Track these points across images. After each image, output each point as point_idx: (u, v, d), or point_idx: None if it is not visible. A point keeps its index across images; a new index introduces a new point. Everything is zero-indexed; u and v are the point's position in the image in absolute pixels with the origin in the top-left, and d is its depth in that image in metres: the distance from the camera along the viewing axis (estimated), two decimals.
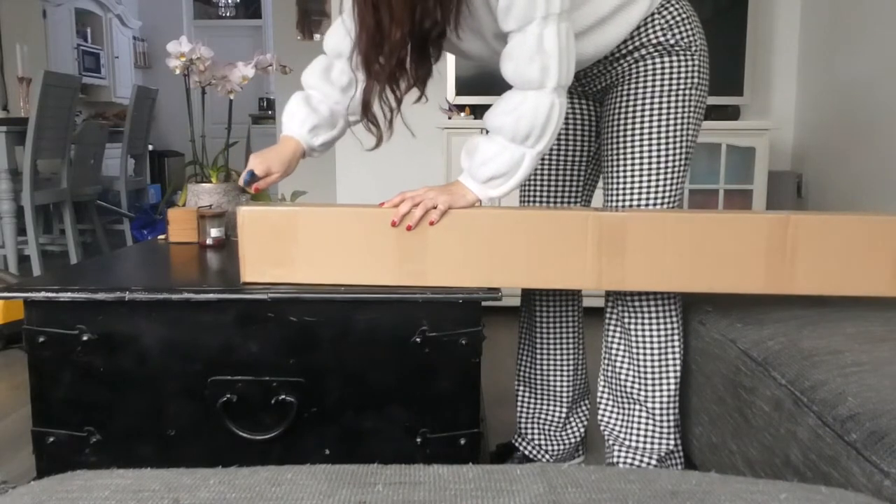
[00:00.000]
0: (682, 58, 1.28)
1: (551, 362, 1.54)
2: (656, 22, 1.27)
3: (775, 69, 3.19)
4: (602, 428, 1.44)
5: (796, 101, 3.20)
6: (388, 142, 1.27)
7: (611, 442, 1.43)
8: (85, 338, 1.16)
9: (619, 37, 1.27)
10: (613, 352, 1.40)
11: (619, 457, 1.40)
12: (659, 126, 1.28)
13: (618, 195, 1.32)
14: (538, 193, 1.48)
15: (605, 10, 1.23)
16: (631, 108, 1.30)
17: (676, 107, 1.28)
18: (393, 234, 1.15)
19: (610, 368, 1.41)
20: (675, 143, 1.28)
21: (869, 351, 1.08)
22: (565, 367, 1.54)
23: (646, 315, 1.34)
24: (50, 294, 1.15)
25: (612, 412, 1.42)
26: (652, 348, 1.35)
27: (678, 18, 1.28)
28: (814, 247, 1.15)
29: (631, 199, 1.30)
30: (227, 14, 7.78)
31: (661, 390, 1.36)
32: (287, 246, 1.17)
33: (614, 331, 1.39)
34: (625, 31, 1.26)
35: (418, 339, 1.16)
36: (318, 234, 1.16)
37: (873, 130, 2.64)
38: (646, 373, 1.36)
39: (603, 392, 1.44)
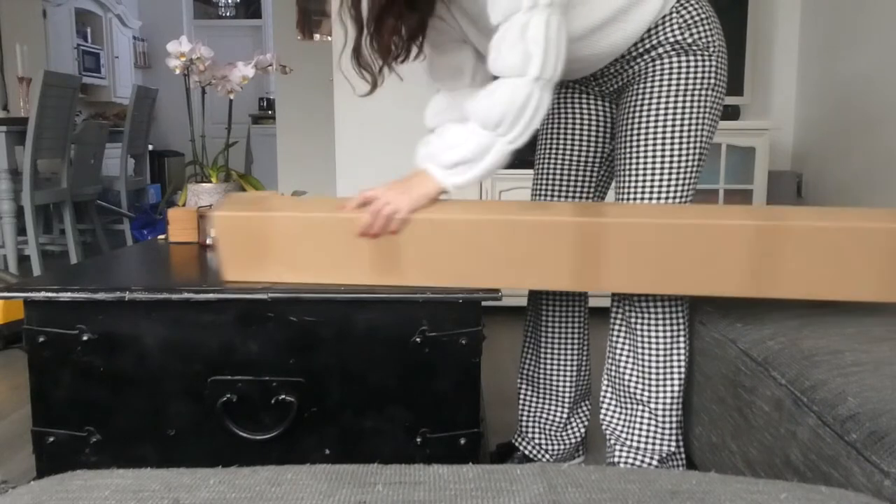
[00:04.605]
0: (699, 57, 1.27)
1: (555, 362, 1.54)
2: (674, 20, 1.26)
3: (775, 69, 3.19)
4: (604, 427, 1.44)
5: (796, 101, 3.20)
6: (381, 87, 1.25)
7: (612, 441, 1.42)
8: (85, 338, 1.16)
9: (634, 34, 1.26)
10: (618, 352, 1.40)
11: (619, 457, 1.40)
12: (673, 125, 1.27)
13: (628, 193, 1.32)
14: (549, 191, 1.48)
15: (617, 5, 1.22)
16: (646, 107, 1.29)
17: (691, 107, 1.27)
18: (369, 242, 1.14)
19: (614, 368, 1.41)
20: (688, 142, 1.28)
21: (869, 351, 1.08)
22: (569, 368, 1.54)
23: (652, 316, 1.34)
24: (50, 294, 1.15)
25: (614, 411, 1.42)
26: (657, 349, 1.35)
27: (696, 18, 1.27)
28: (797, 254, 1.13)
29: (641, 198, 1.30)
30: (227, 14, 7.78)
31: (664, 391, 1.35)
32: (263, 250, 1.17)
33: (619, 330, 1.39)
34: (639, 28, 1.25)
35: (418, 339, 1.16)
36: (293, 238, 1.16)
37: (873, 130, 2.64)
38: (650, 373, 1.36)
39: (606, 391, 1.43)
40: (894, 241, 1.10)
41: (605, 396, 1.44)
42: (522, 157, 3.30)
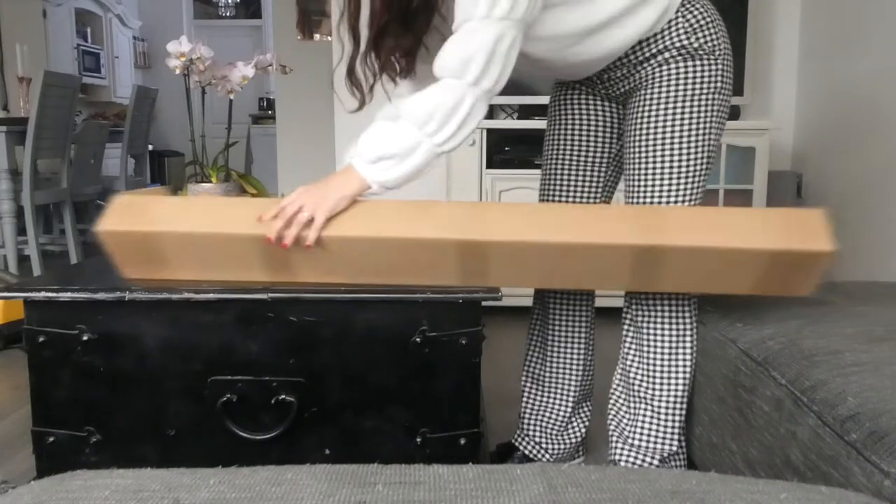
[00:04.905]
0: (705, 62, 1.27)
1: (562, 360, 1.54)
2: (679, 25, 1.27)
3: (775, 69, 3.19)
4: (609, 420, 1.45)
5: (796, 101, 3.20)
6: (369, 104, 1.27)
7: (615, 438, 1.43)
8: (85, 338, 1.16)
9: (630, 39, 1.26)
10: (626, 349, 1.41)
11: (621, 454, 1.41)
12: (681, 130, 1.28)
13: (638, 196, 1.33)
14: (556, 193, 1.48)
15: (612, 10, 1.22)
16: (653, 112, 1.30)
17: (699, 111, 1.28)
18: (258, 249, 1.14)
19: (623, 366, 1.42)
20: (696, 146, 1.28)
21: (869, 351, 1.08)
22: (575, 366, 1.54)
23: (658, 314, 1.34)
24: (50, 294, 1.15)
25: (620, 408, 1.43)
26: (662, 348, 1.35)
27: (702, 22, 1.27)
28: (673, 265, 1.16)
29: (650, 200, 1.31)
30: (227, 14, 7.78)
31: (667, 390, 1.36)
32: (154, 256, 1.17)
33: (629, 328, 1.40)
34: (635, 33, 1.26)
35: (418, 339, 1.16)
36: (180, 248, 1.15)
37: (873, 130, 2.64)
38: (654, 372, 1.36)
39: (616, 388, 1.45)
40: (758, 259, 1.13)
41: (614, 392, 1.45)
42: (524, 158, 3.30)
